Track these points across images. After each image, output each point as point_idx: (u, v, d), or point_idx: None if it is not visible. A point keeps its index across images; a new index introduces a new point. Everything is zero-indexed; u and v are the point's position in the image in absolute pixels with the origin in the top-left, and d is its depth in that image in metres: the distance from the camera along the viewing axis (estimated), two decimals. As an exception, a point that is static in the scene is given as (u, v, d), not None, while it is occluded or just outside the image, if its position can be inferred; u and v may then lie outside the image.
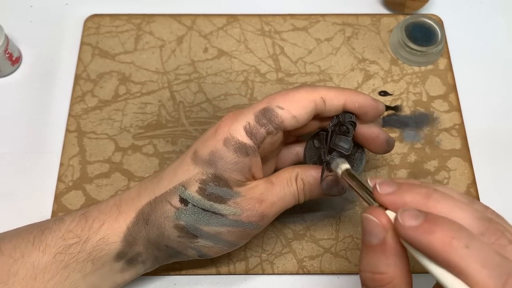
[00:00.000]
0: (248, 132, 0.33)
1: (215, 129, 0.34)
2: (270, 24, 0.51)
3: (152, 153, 0.45)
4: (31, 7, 0.53)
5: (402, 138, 0.46)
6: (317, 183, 0.35)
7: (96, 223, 0.34)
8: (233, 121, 0.33)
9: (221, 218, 0.33)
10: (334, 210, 0.43)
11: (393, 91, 0.48)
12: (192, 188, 0.33)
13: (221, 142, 0.33)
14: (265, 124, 0.33)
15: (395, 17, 0.52)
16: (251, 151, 0.33)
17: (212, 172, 0.33)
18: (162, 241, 0.34)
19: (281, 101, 0.33)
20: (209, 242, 0.34)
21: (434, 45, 0.48)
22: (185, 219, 0.33)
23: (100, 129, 0.46)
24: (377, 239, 0.25)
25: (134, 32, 0.51)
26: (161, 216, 0.34)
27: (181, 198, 0.33)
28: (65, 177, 0.44)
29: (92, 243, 0.33)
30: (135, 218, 0.34)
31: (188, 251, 0.35)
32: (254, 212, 0.34)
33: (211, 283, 0.40)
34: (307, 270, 0.40)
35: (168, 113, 0.47)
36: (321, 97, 0.34)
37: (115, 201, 0.35)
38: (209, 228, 0.34)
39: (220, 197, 0.33)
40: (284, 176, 0.35)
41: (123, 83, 0.48)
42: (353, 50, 0.50)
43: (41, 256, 0.33)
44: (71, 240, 0.33)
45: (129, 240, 0.34)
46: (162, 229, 0.34)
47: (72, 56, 0.50)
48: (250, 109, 0.34)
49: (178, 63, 0.49)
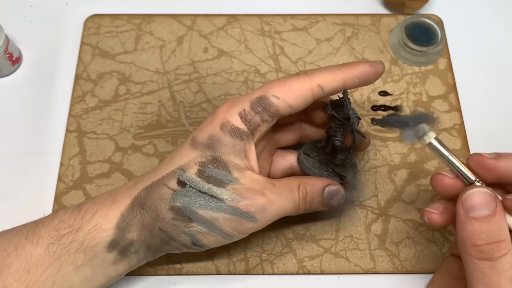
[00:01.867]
0: (243, 118, 0.34)
1: (212, 117, 0.35)
2: (270, 24, 0.52)
3: (152, 153, 0.45)
4: (31, 7, 0.53)
5: (402, 138, 0.46)
6: (319, 193, 0.36)
7: (89, 212, 0.34)
8: (229, 108, 0.35)
9: (218, 202, 0.34)
10: (334, 210, 0.43)
11: (393, 91, 0.48)
12: (191, 171, 0.34)
13: (218, 127, 0.34)
14: (260, 112, 0.34)
15: (395, 17, 0.52)
16: (245, 136, 0.34)
17: (211, 154, 0.34)
18: (156, 224, 0.34)
19: (277, 90, 0.34)
20: (203, 228, 0.34)
21: (434, 45, 0.48)
22: (181, 200, 0.34)
23: (100, 129, 0.46)
24: (490, 210, 0.29)
25: (134, 32, 0.51)
26: (157, 198, 0.34)
27: (178, 181, 0.34)
28: (65, 177, 0.44)
29: (84, 232, 0.33)
30: (130, 205, 0.34)
31: (181, 236, 0.34)
32: (254, 202, 0.34)
33: (211, 283, 0.40)
34: (307, 270, 0.40)
35: (168, 113, 0.47)
36: (318, 85, 0.34)
37: (110, 192, 0.36)
38: (204, 212, 0.34)
39: (219, 180, 0.34)
40: (286, 182, 0.36)
41: (123, 83, 0.48)
42: (353, 50, 0.50)
43: (34, 248, 0.33)
44: (63, 231, 0.33)
45: (122, 226, 0.34)
46: (157, 211, 0.34)
47: (72, 56, 0.50)
48: (247, 97, 0.35)
49: (178, 63, 0.49)
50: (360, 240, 0.42)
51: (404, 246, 0.41)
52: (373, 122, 0.47)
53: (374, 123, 0.46)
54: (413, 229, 0.42)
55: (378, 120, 0.47)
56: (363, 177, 0.44)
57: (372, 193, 0.43)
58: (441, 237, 0.42)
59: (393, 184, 0.44)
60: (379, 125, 0.46)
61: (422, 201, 0.43)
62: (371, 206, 0.43)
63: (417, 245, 0.41)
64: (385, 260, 0.41)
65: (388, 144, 0.46)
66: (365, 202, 0.43)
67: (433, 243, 0.41)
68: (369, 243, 0.41)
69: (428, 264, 0.41)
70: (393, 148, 0.45)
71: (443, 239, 0.42)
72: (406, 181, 0.44)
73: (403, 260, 0.41)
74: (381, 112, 0.47)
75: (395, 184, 0.44)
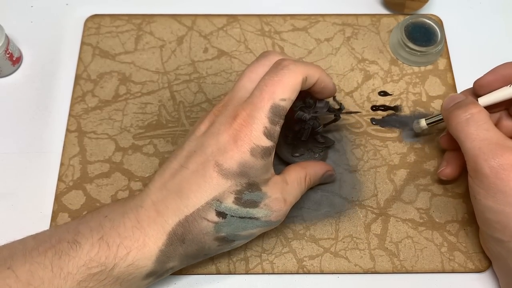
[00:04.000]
0: (268, 136, 0.34)
1: (233, 139, 0.33)
2: (270, 24, 0.52)
3: (153, 153, 0.45)
4: (32, 7, 0.53)
5: (402, 138, 0.46)
6: (319, 177, 0.41)
7: (121, 250, 0.33)
8: (251, 129, 0.33)
9: (256, 221, 0.35)
10: (334, 210, 0.43)
11: (393, 91, 0.48)
12: (228, 201, 0.34)
13: (247, 154, 0.33)
14: (277, 121, 0.34)
15: (394, 17, 0.52)
16: (272, 149, 0.35)
17: (245, 182, 0.34)
18: (201, 253, 0.36)
19: (281, 93, 0.34)
20: (242, 241, 0.37)
21: (433, 45, 0.48)
22: (226, 230, 0.35)
23: (100, 129, 0.46)
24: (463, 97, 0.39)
25: (134, 32, 0.51)
26: (199, 233, 0.34)
27: (218, 212, 0.34)
28: (65, 177, 0.44)
29: (120, 269, 0.33)
30: (167, 240, 0.34)
31: (222, 251, 0.37)
32: (281, 212, 0.36)
33: (211, 283, 0.40)
34: (307, 270, 0.41)
35: (169, 113, 0.47)
36: (306, 76, 0.35)
37: (132, 222, 0.34)
38: (245, 232, 0.36)
39: (253, 202, 0.34)
40: (295, 176, 0.38)
41: (124, 83, 0.48)
42: (353, 50, 0.50)
43: (64, 283, 0.31)
44: (95, 269, 0.32)
45: (162, 260, 0.34)
46: (202, 244, 0.35)
47: (72, 56, 0.50)
48: (259, 110, 0.33)
49: (178, 63, 0.50)
50: (360, 240, 0.42)
51: (403, 245, 0.41)
52: (373, 122, 0.47)
53: (374, 123, 0.47)
54: (413, 229, 0.42)
55: (378, 120, 0.47)
56: (362, 177, 0.44)
57: (372, 193, 0.44)
58: (440, 236, 0.42)
59: (392, 184, 0.44)
60: (379, 125, 0.47)
61: (421, 201, 0.43)
62: (370, 206, 0.43)
63: (416, 244, 0.41)
64: (385, 259, 0.41)
65: (387, 144, 0.46)
66: (365, 202, 0.43)
67: (432, 242, 0.42)
68: (368, 242, 0.42)
69: (428, 263, 0.41)
70: (393, 148, 0.46)
71: (442, 239, 0.42)
72: (405, 181, 0.44)
73: (403, 260, 0.41)
74: (381, 112, 0.47)
75: (395, 184, 0.44)
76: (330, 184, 0.44)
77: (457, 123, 0.37)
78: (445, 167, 0.42)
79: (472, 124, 0.36)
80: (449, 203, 0.43)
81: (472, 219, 0.42)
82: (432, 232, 0.42)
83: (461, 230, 0.42)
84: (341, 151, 0.45)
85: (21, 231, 0.42)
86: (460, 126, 0.36)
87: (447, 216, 0.43)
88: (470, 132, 0.36)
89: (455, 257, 0.41)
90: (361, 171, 0.44)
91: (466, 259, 0.41)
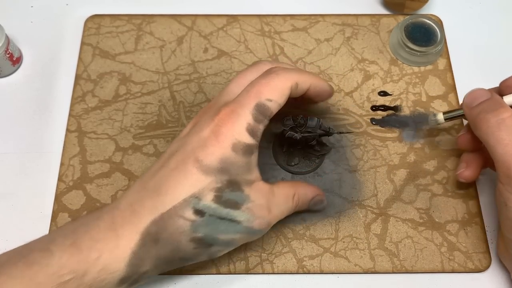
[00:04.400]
0: (251, 132, 0.33)
1: (214, 134, 0.33)
2: (270, 25, 0.52)
3: (153, 153, 0.45)
4: (32, 7, 0.53)
5: (402, 138, 0.46)
6: (308, 201, 0.39)
7: (93, 254, 0.31)
8: (233, 124, 0.33)
9: (236, 225, 0.34)
10: (334, 210, 0.43)
11: (393, 91, 0.48)
12: (207, 198, 0.32)
13: (229, 149, 0.33)
14: (261, 120, 0.34)
15: (394, 18, 0.52)
16: (255, 148, 0.34)
17: (226, 179, 0.33)
18: (176, 255, 0.34)
19: (268, 93, 0.34)
20: (221, 248, 0.35)
21: (433, 45, 0.48)
22: (203, 230, 0.33)
23: (100, 129, 0.46)
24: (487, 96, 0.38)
25: (134, 33, 0.51)
26: (174, 232, 0.32)
27: (195, 210, 0.32)
28: (65, 177, 0.44)
29: (92, 275, 0.31)
30: (140, 241, 0.32)
31: (200, 258, 0.35)
32: (265, 220, 0.35)
33: (211, 283, 0.40)
34: (307, 270, 0.41)
35: (169, 113, 0.47)
36: (296, 83, 0.35)
37: (106, 224, 0.33)
38: (225, 236, 0.34)
39: (235, 202, 0.33)
40: (283, 191, 0.37)
41: (124, 83, 0.48)
42: (353, 50, 0.50)
43: None
44: (66, 276, 0.31)
45: (135, 263, 0.32)
46: (176, 244, 0.33)
47: (72, 56, 0.50)
48: (243, 107, 0.33)
49: (178, 63, 0.50)
50: (360, 240, 0.42)
51: (403, 245, 0.41)
52: (373, 122, 0.47)
53: (374, 123, 0.47)
54: (412, 228, 0.42)
55: (378, 120, 0.47)
56: (362, 177, 0.44)
57: (372, 193, 0.44)
58: (440, 236, 0.42)
59: (392, 184, 0.44)
60: (379, 125, 0.47)
61: (421, 201, 0.43)
62: (370, 206, 0.43)
63: (416, 244, 0.41)
64: (385, 259, 0.41)
65: (387, 144, 0.46)
66: (365, 202, 0.43)
67: (432, 242, 0.42)
68: (368, 242, 0.42)
69: (427, 263, 0.41)
70: (393, 148, 0.46)
71: (442, 239, 0.42)
72: (405, 181, 0.44)
73: (403, 260, 0.41)
74: (381, 112, 0.47)
75: (395, 184, 0.44)
76: (330, 184, 0.44)
77: (487, 127, 0.35)
78: (465, 169, 0.41)
79: (503, 129, 0.35)
80: (449, 203, 0.43)
81: (472, 219, 0.42)
82: (432, 232, 0.42)
83: (461, 230, 0.42)
84: (341, 151, 0.45)
85: (21, 231, 0.42)
86: (490, 130, 0.35)
87: (447, 216, 0.43)
88: (502, 137, 0.34)
89: (455, 257, 0.41)
90: (361, 171, 0.44)
91: (466, 259, 0.41)
